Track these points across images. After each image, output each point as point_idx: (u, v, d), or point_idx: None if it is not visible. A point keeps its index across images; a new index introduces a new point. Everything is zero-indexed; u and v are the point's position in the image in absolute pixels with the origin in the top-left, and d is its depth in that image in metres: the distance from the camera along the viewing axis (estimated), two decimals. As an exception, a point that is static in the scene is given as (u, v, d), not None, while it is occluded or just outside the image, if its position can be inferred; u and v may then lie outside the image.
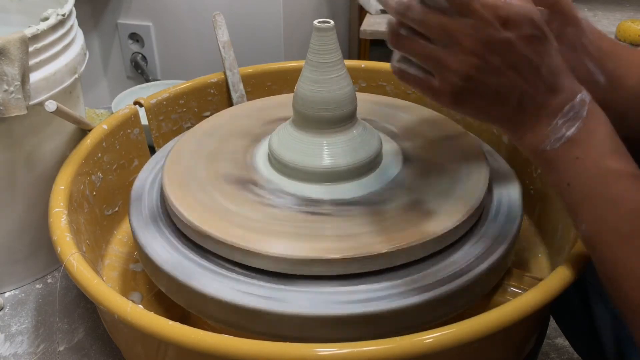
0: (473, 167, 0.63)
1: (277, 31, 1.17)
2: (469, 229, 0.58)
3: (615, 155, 0.44)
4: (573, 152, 0.45)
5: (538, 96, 0.45)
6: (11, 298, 0.74)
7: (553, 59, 0.45)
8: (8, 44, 0.60)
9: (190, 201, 0.59)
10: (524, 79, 0.45)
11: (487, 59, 0.44)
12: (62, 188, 0.64)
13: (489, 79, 0.45)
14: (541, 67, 0.45)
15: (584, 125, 0.45)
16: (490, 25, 0.43)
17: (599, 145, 0.45)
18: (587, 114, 0.45)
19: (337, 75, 0.60)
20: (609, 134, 0.45)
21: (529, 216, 0.75)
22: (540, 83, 0.45)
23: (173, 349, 0.49)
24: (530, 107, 0.46)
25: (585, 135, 0.45)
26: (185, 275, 0.54)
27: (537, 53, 0.44)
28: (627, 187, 0.44)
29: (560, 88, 0.45)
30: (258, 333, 0.52)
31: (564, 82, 0.45)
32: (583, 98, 0.45)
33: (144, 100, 0.79)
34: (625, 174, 0.44)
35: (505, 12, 0.43)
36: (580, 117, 0.45)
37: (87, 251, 0.62)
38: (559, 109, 0.45)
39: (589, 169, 0.44)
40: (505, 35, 0.43)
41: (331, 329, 0.51)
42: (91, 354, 0.66)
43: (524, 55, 0.44)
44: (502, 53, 0.44)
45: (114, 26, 1.27)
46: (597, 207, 0.44)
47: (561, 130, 0.45)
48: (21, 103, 0.63)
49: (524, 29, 0.44)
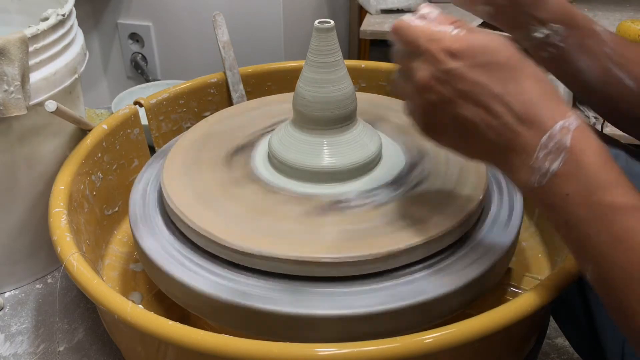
0: (473, 167, 0.63)
1: (277, 31, 1.17)
2: (469, 229, 0.58)
3: (611, 187, 0.40)
4: (563, 189, 0.41)
5: (507, 127, 0.42)
6: (11, 298, 0.74)
7: (522, 85, 0.42)
8: (8, 44, 0.60)
9: (190, 201, 0.59)
10: (484, 108, 0.42)
11: (438, 91, 0.44)
12: (62, 188, 0.64)
13: (445, 111, 0.44)
14: (505, 95, 0.42)
15: (570, 157, 0.40)
16: (438, 58, 0.43)
17: (592, 178, 0.40)
18: (573, 143, 0.40)
19: (337, 76, 0.60)
20: (603, 162, 0.41)
21: (529, 216, 0.75)
22: (507, 112, 0.42)
23: (173, 349, 0.49)
24: (503, 140, 0.43)
25: (574, 167, 0.40)
26: (185, 276, 0.54)
27: (498, 80, 0.42)
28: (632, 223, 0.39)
29: (535, 117, 0.42)
30: (258, 333, 0.52)
31: (540, 110, 0.42)
32: (565, 125, 0.41)
33: (144, 100, 0.79)
34: (626, 207, 0.39)
35: (450, 43, 0.43)
36: (564, 147, 0.40)
37: (87, 251, 0.62)
38: (536, 141, 0.41)
39: (583, 206, 0.40)
40: (452, 66, 0.43)
41: (331, 328, 0.51)
42: (91, 354, 0.66)
43: (477, 82, 0.42)
44: (453, 83, 0.43)
45: (114, 26, 1.27)
46: (600, 247, 0.40)
47: (544, 165, 0.41)
48: (21, 103, 0.63)
49: (477, 57, 0.42)
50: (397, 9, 1.39)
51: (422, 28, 0.45)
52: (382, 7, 1.38)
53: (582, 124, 0.41)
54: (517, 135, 0.42)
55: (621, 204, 0.39)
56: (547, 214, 0.43)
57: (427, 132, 0.47)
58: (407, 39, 0.45)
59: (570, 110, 0.42)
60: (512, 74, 0.42)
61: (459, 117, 0.44)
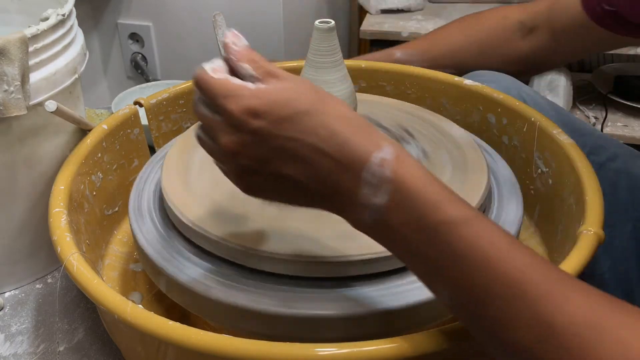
0: (473, 168, 0.63)
1: (277, 31, 1.17)
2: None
3: (441, 205, 0.39)
4: (395, 219, 0.40)
5: (329, 173, 0.41)
6: (11, 298, 0.74)
7: (333, 128, 0.41)
8: (8, 44, 0.60)
9: (189, 201, 0.59)
10: (301, 161, 0.41)
11: (249, 154, 0.42)
12: (62, 188, 0.64)
13: (263, 172, 0.43)
14: (318, 142, 0.41)
15: (393, 187, 0.40)
16: (240, 120, 0.41)
17: (420, 202, 0.39)
18: (393, 173, 0.40)
19: (337, 76, 0.60)
20: (427, 184, 0.40)
21: (529, 216, 0.75)
22: (325, 159, 0.41)
23: (173, 349, 0.49)
24: (328, 186, 0.41)
25: (400, 196, 0.40)
26: (185, 275, 0.54)
27: (307, 130, 0.41)
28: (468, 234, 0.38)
29: (352, 156, 0.40)
30: (258, 334, 0.52)
31: (356, 147, 0.40)
32: (382, 157, 0.40)
33: (144, 100, 0.79)
34: (458, 221, 0.38)
35: (250, 101, 0.41)
36: (385, 180, 0.40)
37: (87, 251, 0.62)
38: (358, 179, 0.40)
39: (419, 231, 0.39)
40: (257, 125, 0.41)
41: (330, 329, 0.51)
42: (91, 354, 0.66)
43: (288, 137, 0.41)
44: (263, 143, 0.41)
45: (114, 26, 1.27)
46: (447, 268, 0.39)
47: (373, 201, 0.40)
48: (21, 103, 0.63)
49: (281, 111, 0.41)
50: (397, 8, 1.39)
51: (220, 83, 0.42)
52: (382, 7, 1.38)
53: (398, 151, 0.41)
54: (340, 178, 0.41)
55: (453, 218, 0.38)
56: (391, 249, 0.42)
57: (250, 192, 0.46)
58: (206, 94, 0.43)
59: (385, 140, 0.41)
60: (319, 119, 0.41)
61: (278, 175, 0.42)
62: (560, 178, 0.69)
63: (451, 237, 0.38)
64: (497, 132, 0.80)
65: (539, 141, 0.72)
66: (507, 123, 0.78)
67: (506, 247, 0.38)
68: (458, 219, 0.38)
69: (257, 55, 0.44)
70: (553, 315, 0.35)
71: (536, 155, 0.73)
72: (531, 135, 0.73)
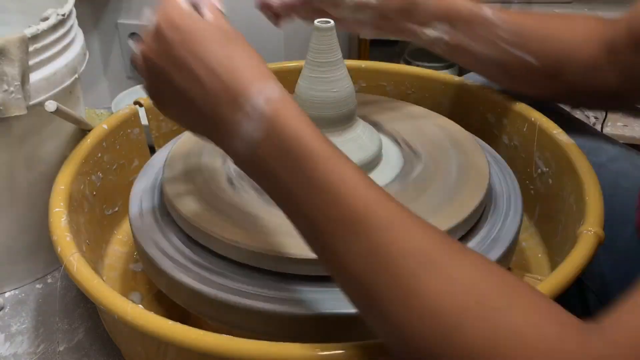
0: (473, 168, 0.63)
1: (277, 31, 1.17)
2: (468, 229, 0.58)
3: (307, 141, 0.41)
4: (268, 154, 0.42)
5: (216, 98, 0.44)
6: (11, 298, 0.74)
7: (231, 57, 0.45)
8: (8, 44, 0.60)
9: (190, 200, 0.59)
10: (196, 79, 0.44)
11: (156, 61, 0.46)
12: (63, 188, 0.64)
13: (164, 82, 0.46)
14: (215, 66, 0.44)
15: (271, 124, 0.42)
16: (159, 28, 0.46)
17: (289, 137, 0.41)
18: (274, 112, 0.42)
19: (337, 76, 0.60)
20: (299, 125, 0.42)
21: (529, 216, 0.75)
22: (216, 81, 0.44)
23: (173, 349, 0.49)
24: (216, 114, 0.44)
25: (274, 132, 0.42)
26: (185, 276, 0.54)
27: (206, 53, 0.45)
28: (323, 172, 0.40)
29: (239, 85, 0.44)
30: (258, 333, 0.52)
31: (243, 78, 0.44)
32: (267, 95, 0.43)
33: (144, 100, 0.79)
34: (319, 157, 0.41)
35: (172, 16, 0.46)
36: (265, 116, 0.42)
37: (87, 251, 0.62)
38: (240, 110, 0.43)
39: (286, 167, 0.41)
40: (169, 36, 0.45)
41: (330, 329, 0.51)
42: (91, 354, 0.66)
43: (191, 52, 0.45)
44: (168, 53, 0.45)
45: (114, 26, 1.27)
46: (306, 201, 0.41)
47: (250, 135, 0.43)
48: (21, 103, 0.63)
49: (187, 30, 0.45)
50: (397, 9, 1.38)
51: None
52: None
53: (284, 94, 0.44)
54: (225, 106, 0.44)
55: (314, 153, 0.41)
56: (261, 184, 0.45)
57: (158, 106, 0.50)
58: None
59: (274, 80, 0.45)
60: (223, 50, 0.45)
61: (177, 89, 0.46)
62: (560, 178, 0.69)
63: (309, 171, 0.40)
64: (497, 132, 0.80)
65: (539, 141, 0.72)
66: (507, 123, 0.78)
67: (355, 183, 0.40)
68: (318, 155, 0.41)
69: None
70: (389, 245, 0.37)
71: (536, 155, 0.73)
72: (531, 135, 0.73)
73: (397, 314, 0.37)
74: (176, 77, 0.45)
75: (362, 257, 0.38)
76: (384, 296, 0.37)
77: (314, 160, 0.41)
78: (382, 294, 0.37)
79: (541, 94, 0.72)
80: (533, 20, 0.67)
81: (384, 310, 0.37)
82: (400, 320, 0.36)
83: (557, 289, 0.50)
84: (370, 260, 0.38)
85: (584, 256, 0.52)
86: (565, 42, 0.65)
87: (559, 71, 0.66)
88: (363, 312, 0.40)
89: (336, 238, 0.39)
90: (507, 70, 0.69)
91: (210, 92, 0.44)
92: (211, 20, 0.47)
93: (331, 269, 0.41)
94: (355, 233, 0.39)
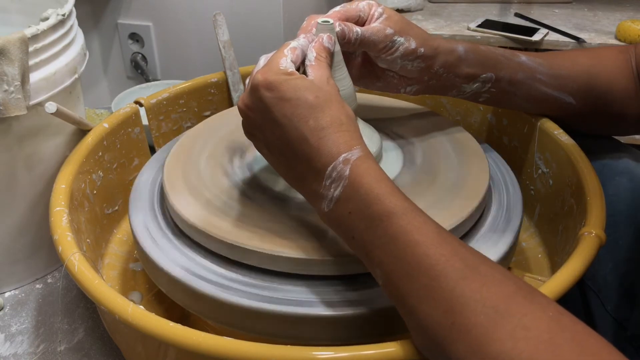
0: (473, 168, 0.63)
1: (277, 31, 1.17)
2: (468, 229, 0.58)
3: (383, 198, 0.45)
4: (345, 209, 0.46)
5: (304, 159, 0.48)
6: (11, 298, 0.74)
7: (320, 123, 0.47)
8: (8, 44, 0.60)
9: (190, 200, 0.59)
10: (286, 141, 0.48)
11: (251, 116, 0.51)
12: (64, 187, 0.64)
13: (259, 135, 0.51)
14: (305, 130, 0.47)
15: (348, 182, 0.46)
16: (255, 87, 0.49)
17: (366, 195, 0.45)
18: (351, 171, 0.46)
19: (338, 76, 0.60)
20: (377, 180, 0.46)
21: (529, 216, 0.75)
22: (305, 145, 0.47)
23: (173, 350, 0.49)
24: (301, 173, 0.49)
25: (352, 190, 0.46)
26: (185, 275, 0.54)
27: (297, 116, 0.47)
28: (402, 223, 0.44)
29: (323, 150, 0.47)
30: (258, 333, 0.52)
31: (327, 143, 0.47)
32: (347, 157, 0.46)
33: (144, 100, 0.79)
34: (395, 211, 0.44)
35: (270, 77, 0.49)
36: (344, 176, 0.46)
37: (87, 250, 0.62)
38: (324, 171, 0.47)
39: (363, 219, 0.45)
40: (264, 96, 0.48)
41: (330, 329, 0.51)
42: (91, 354, 0.66)
43: (283, 114, 0.48)
44: (263, 112, 0.49)
45: (114, 26, 1.27)
46: (380, 250, 0.44)
47: (330, 192, 0.47)
48: (21, 103, 0.63)
49: (282, 91, 0.48)
50: (397, 9, 1.39)
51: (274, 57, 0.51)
52: (382, 7, 1.37)
53: (363, 155, 0.47)
54: (311, 171, 0.48)
55: (392, 209, 0.44)
56: (339, 234, 0.49)
57: (257, 149, 0.54)
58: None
59: (357, 142, 0.48)
60: (314, 113, 0.48)
61: (268, 143, 0.51)
62: (561, 179, 0.69)
63: (387, 225, 0.44)
64: (497, 133, 0.80)
65: (539, 142, 0.72)
66: (507, 123, 0.78)
67: (432, 235, 0.43)
68: (394, 210, 0.44)
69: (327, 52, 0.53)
70: (466, 296, 0.39)
71: (537, 155, 0.73)
72: (532, 136, 0.73)
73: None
74: (269, 135, 0.50)
75: (441, 305, 0.40)
76: (459, 347, 0.39)
77: (389, 214, 0.44)
78: (456, 345, 0.39)
79: (583, 128, 0.73)
80: (563, 60, 0.68)
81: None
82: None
83: (558, 292, 0.50)
84: (447, 308, 0.40)
85: (585, 259, 0.52)
86: (599, 77, 0.68)
87: (598, 107, 0.69)
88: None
89: (413, 281, 0.42)
90: (544, 108, 0.71)
91: (301, 156, 0.48)
92: (309, 78, 0.50)
93: (406, 311, 0.43)
94: (431, 280, 0.41)
